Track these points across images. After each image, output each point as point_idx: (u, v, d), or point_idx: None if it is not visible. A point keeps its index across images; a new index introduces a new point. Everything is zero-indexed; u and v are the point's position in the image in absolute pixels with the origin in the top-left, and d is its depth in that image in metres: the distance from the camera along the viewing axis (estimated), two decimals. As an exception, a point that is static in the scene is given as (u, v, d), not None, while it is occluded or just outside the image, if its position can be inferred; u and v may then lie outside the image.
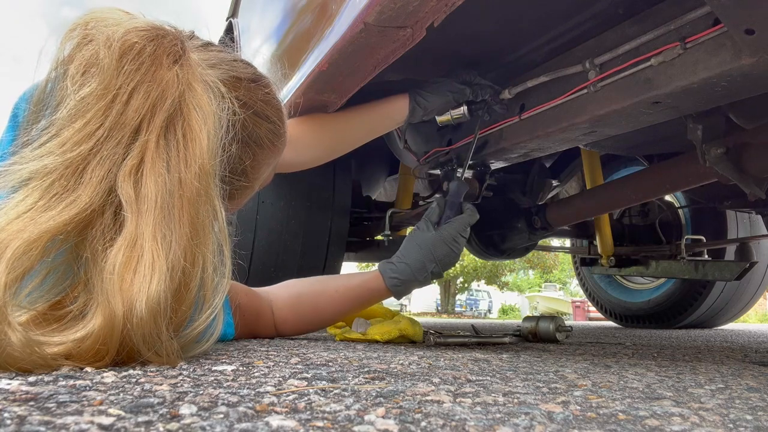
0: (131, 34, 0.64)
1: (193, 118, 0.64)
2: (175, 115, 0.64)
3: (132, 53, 0.63)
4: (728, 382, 0.67)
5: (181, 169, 0.62)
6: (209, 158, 0.64)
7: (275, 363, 0.67)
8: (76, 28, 0.65)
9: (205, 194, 0.64)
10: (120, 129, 0.61)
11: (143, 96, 0.62)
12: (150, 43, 0.65)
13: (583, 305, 12.76)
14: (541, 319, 1.31)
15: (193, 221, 0.61)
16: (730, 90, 0.79)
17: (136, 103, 0.62)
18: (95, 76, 0.61)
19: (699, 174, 1.28)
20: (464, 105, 1.20)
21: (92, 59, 0.62)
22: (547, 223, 1.85)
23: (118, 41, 0.63)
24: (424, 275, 1.03)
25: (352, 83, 1.02)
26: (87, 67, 0.62)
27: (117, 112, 0.61)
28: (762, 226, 2.34)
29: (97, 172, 0.59)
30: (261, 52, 1.62)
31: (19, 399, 0.41)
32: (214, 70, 0.73)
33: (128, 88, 0.61)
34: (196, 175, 0.62)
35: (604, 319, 3.10)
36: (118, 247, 0.57)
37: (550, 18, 1.00)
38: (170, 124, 0.63)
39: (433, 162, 1.41)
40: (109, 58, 0.61)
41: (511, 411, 0.44)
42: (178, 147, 0.63)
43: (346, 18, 0.87)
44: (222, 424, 0.35)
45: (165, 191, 0.60)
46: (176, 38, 0.68)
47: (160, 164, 0.61)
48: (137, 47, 0.64)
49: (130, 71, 0.62)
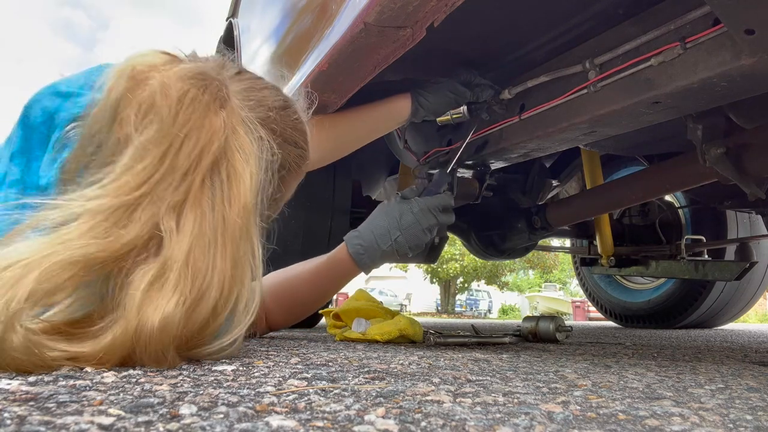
0: (184, 82, 0.68)
1: (237, 159, 0.68)
2: (221, 157, 0.67)
3: (186, 101, 0.67)
4: (728, 382, 0.67)
5: (224, 207, 0.65)
6: (251, 197, 0.68)
7: (275, 363, 0.67)
8: (125, 71, 0.68)
9: (246, 231, 0.67)
10: (172, 173, 0.64)
11: (194, 142, 0.66)
12: (200, 91, 0.68)
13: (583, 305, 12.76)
14: (541, 319, 1.31)
15: (233, 257, 0.65)
16: (730, 90, 0.79)
17: (188, 149, 0.65)
18: (153, 123, 0.65)
19: (699, 174, 1.28)
20: (464, 105, 1.20)
21: (150, 105, 0.66)
22: (547, 223, 1.85)
23: (173, 89, 0.67)
24: (388, 243, 1.00)
25: (352, 83, 1.02)
26: (146, 113, 0.66)
27: (172, 157, 0.64)
28: (762, 226, 2.34)
29: (147, 212, 0.62)
30: (261, 52, 1.62)
31: (19, 399, 0.41)
32: (252, 111, 0.76)
33: (182, 135, 0.65)
34: (239, 213, 0.66)
35: (604, 319, 3.10)
36: (148, 269, 0.60)
37: (550, 18, 1.00)
38: (215, 166, 0.67)
39: (433, 162, 1.41)
40: (167, 107, 0.65)
41: (511, 411, 0.44)
42: (222, 187, 0.66)
43: (346, 18, 0.87)
44: (222, 424, 0.35)
45: (206, 226, 0.64)
46: (220, 82, 0.72)
47: (204, 202, 0.65)
48: (190, 95, 0.67)
49: (185, 119, 0.66)
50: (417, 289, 24.79)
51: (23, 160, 0.83)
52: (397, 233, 1.00)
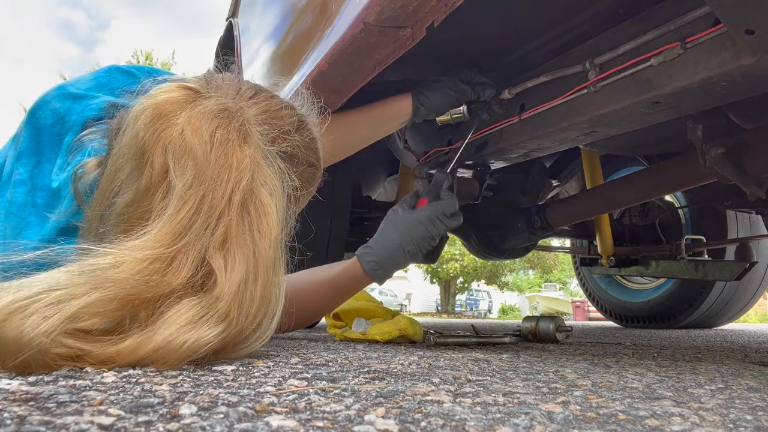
0: (211, 121, 0.70)
1: (263, 193, 0.70)
2: (249, 193, 0.69)
3: (216, 141, 0.69)
4: (728, 382, 0.67)
5: (256, 241, 0.67)
6: (278, 229, 0.70)
7: (275, 363, 0.67)
8: (150, 109, 0.70)
9: (275, 262, 0.69)
10: (210, 214, 0.66)
11: (226, 181, 0.68)
12: (226, 130, 0.70)
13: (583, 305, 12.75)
14: (541, 319, 1.31)
15: (264, 287, 0.67)
16: (730, 90, 0.79)
17: (221, 190, 0.67)
18: (189, 167, 0.67)
19: (699, 174, 1.28)
20: (464, 104, 1.20)
21: (183, 147, 0.68)
22: (547, 223, 1.85)
23: (203, 129, 0.68)
24: (402, 256, 1.01)
25: (352, 83, 1.02)
26: (180, 155, 0.67)
27: (209, 200, 0.66)
28: (762, 226, 2.34)
29: (191, 254, 0.64)
30: (261, 53, 1.62)
31: (19, 399, 0.41)
32: (270, 137, 0.77)
33: (216, 176, 0.67)
34: (270, 245, 0.68)
35: (604, 319, 3.10)
36: (195, 302, 0.62)
37: (550, 18, 1.00)
38: (245, 202, 0.68)
39: (433, 162, 1.41)
40: (200, 149, 0.67)
41: (511, 411, 0.44)
42: (251, 222, 0.68)
43: (346, 18, 0.87)
44: (222, 424, 0.35)
45: (248, 262, 0.66)
46: (242, 115, 0.73)
47: (243, 239, 0.67)
48: (219, 135, 0.69)
49: (216, 159, 0.68)
50: (417, 289, 24.78)
51: (32, 161, 0.83)
52: (410, 245, 1.01)
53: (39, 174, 0.82)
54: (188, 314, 0.60)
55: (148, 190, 0.67)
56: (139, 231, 0.65)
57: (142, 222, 0.66)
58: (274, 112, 0.81)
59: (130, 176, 0.69)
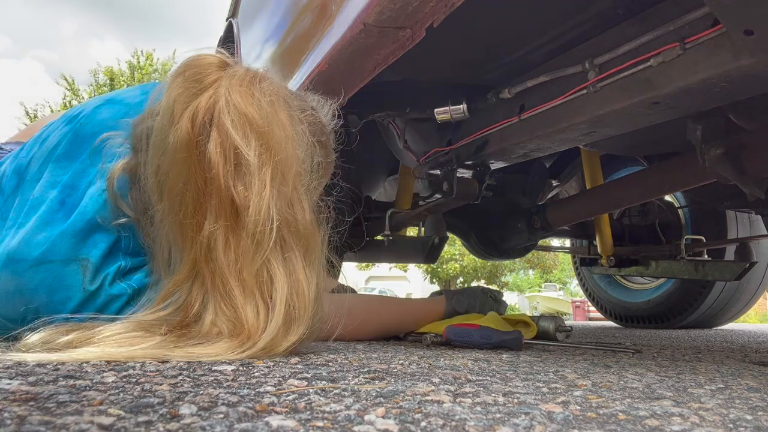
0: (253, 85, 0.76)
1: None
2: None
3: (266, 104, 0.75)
4: (728, 382, 0.67)
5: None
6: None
7: (275, 363, 0.67)
8: (181, 73, 0.75)
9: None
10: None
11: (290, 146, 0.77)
12: (269, 92, 0.76)
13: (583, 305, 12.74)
14: (541, 319, 1.31)
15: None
16: (730, 90, 0.79)
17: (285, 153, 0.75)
18: (252, 135, 0.72)
19: (699, 174, 1.28)
20: (464, 103, 1.20)
21: (238, 114, 0.73)
22: (547, 223, 1.85)
23: (253, 95, 0.74)
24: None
25: (351, 83, 1.02)
26: (239, 123, 0.73)
27: (280, 178, 0.74)
28: (762, 226, 2.34)
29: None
30: (261, 53, 1.62)
31: (19, 399, 0.41)
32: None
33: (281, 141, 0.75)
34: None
35: (604, 319, 3.10)
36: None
37: (550, 18, 1.00)
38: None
39: (433, 162, 1.41)
40: (258, 114, 0.73)
41: (511, 411, 0.44)
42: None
43: (346, 18, 0.87)
44: (222, 424, 0.35)
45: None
46: (270, 79, 0.80)
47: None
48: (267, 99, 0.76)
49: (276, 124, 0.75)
50: (417, 288, 24.78)
51: (70, 165, 0.83)
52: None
53: (74, 177, 0.82)
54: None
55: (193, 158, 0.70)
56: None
57: (203, 198, 0.70)
58: (294, 92, 0.87)
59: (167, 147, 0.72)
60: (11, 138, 1.41)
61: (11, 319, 0.75)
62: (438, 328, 1.12)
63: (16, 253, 0.76)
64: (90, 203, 0.78)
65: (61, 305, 0.75)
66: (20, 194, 0.84)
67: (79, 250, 0.76)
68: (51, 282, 0.75)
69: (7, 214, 0.83)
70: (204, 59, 0.75)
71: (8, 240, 0.78)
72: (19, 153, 0.91)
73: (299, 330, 0.72)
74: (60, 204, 0.79)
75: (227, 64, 0.77)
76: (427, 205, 1.68)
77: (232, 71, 0.75)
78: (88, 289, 0.75)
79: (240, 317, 0.69)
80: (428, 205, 1.68)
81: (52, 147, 0.85)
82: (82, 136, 0.84)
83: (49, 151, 0.85)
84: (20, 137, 1.33)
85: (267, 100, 0.74)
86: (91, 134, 0.83)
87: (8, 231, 0.80)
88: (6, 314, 0.78)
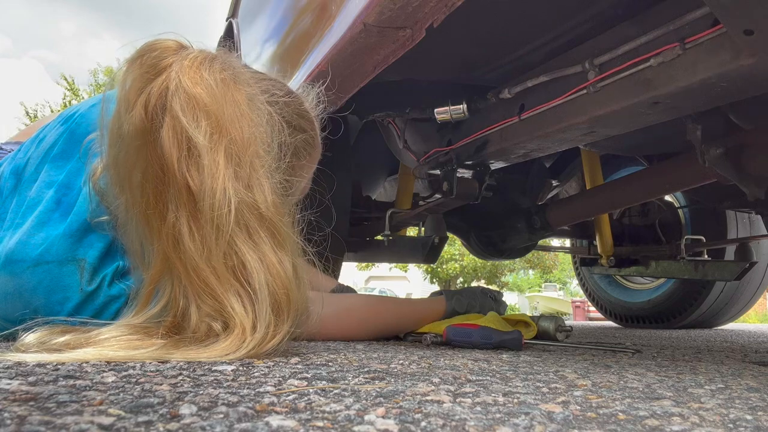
0: (204, 66, 0.73)
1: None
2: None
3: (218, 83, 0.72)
4: (728, 382, 0.67)
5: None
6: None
7: (275, 363, 0.67)
8: (139, 59, 0.72)
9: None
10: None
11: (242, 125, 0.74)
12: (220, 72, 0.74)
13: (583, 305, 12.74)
14: (541, 319, 1.31)
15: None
16: (730, 90, 0.79)
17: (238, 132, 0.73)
18: (201, 117, 0.70)
19: (699, 174, 1.28)
20: (464, 103, 1.20)
21: (187, 96, 0.70)
22: (546, 223, 1.85)
23: (203, 76, 0.72)
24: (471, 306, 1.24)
25: (351, 84, 1.02)
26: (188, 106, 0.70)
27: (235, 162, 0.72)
28: (762, 226, 2.34)
29: None
30: (261, 53, 1.62)
31: (19, 399, 0.41)
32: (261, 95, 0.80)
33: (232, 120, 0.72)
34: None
35: (604, 319, 3.10)
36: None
37: (550, 18, 1.00)
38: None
39: (433, 162, 1.41)
40: (208, 95, 0.71)
41: (511, 411, 0.44)
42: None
43: (346, 18, 0.87)
44: (222, 424, 0.36)
45: None
46: (228, 59, 0.76)
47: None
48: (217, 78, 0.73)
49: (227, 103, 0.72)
50: (417, 288, 24.78)
51: (65, 164, 0.83)
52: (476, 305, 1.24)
53: (69, 176, 0.82)
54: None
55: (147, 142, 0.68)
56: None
57: (162, 186, 0.68)
58: (261, 81, 0.83)
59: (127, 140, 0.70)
60: (11, 138, 1.41)
61: (10, 320, 0.75)
62: (438, 328, 1.12)
63: (14, 254, 0.76)
64: (84, 203, 0.78)
65: (59, 306, 0.75)
66: (18, 195, 0.84)
67: (76, 250, 0.76)
68: (49, 283, 0.75)
69: (5, 215, 0.83)
70: (160, 44, 0.72)
71: (6, 241, 0.78)
72: (17, 154, 0.91)
73: (291, 314, 0.70)
74: (56, 204, 0.79)
75: (183, 47, 0.74)
76: (427, 205, 1.68)
77: (185, 53, 0.72)
78: (86, 289, 0.75)
79: (225, 308, 0.67)
80: (428, 205, 1.68)
81: (49, 147, 0.85)
82: (77, 136, 0.84)
83: (46, 151, 0.85)
84: (20, 137, 1.33)
85: (218, 78, 0.71)
86: (86, 133, 0.83)
87: (6, 232, 0.80)
88: (5, 315, 0.78)
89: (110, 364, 0.59)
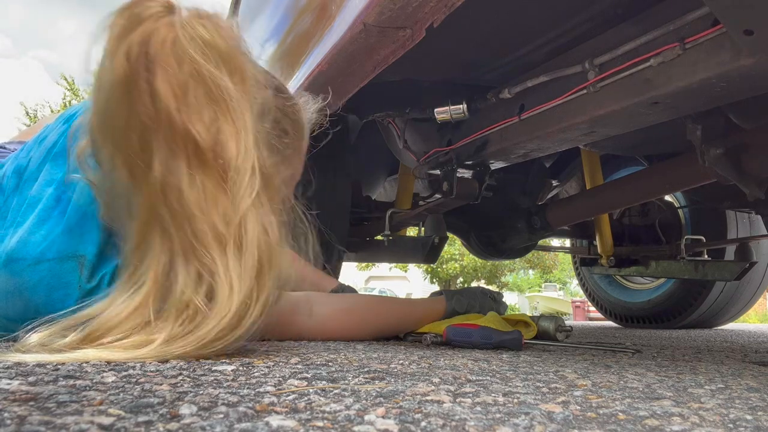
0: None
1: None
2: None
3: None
4: (728, 382, 0.67)
5: None
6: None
7: (275, 363, 0.67)
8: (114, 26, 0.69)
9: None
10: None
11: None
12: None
13: (583, 305, 12.74)
14: (541, 319, 1.31)
15: None
16: (730, 90, 0.79)
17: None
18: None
19: (699, 174, 1.28)
20: (464, 103, 1.20)
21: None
22: (546, 223, 1.85)
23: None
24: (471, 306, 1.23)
25: (351, 84, 1.03)
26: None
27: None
28: (762, 226, 2.34)
29: None
30: (261, 53, 1.62)
31: (19, 399, 0.41)
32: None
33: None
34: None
35: (604, 319, 3.10)
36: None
37: (550, 18, 1.00)
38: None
39: (433, 162, 1.41)
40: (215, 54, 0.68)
41: (511, 411, 0.44)
42: None
43: (346, 18, 0.87)
44: (222, 424, 0.36)
45: None
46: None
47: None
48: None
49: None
50: (417, 288, 24.78)
51: (66, 163, 0.83)
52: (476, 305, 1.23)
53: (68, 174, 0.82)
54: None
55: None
56: None
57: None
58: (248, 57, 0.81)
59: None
60: (14, 138, 1.42)
61: (12, 319, 0.76)
62: (438, 328, 1.12)
63: (15, 252, 0.76)
64: (82, 197, 0.78)
65: (60, 303, 0.75)
66: (19, 194, 0.84)
67: (75, 246, 0.76)
68: (50, 280, 0.75)
69: (7, 214, 0.83)
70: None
71: (8, 239, 0.78)
72: (19, 153, 0.91)
73: (272, 278, 0.69)
74: (56, 201, 0.79)
75: (174, 6, 0.70)
76: (427, 205, 1.68)
77: (184, 9, 0.70)
78: (85, 287, 0.75)
79: (216, 266, 0.65)
80: (428, 205, 1.68)
81: (50, 146, 0.85)
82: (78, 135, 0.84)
83: (47, 150, 0.85)
84: (22, 137, 1.33)
85: (230, 35, 0.69)
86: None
87: (7, 230, 0.80)
88: (6, 313, 0.78)
89: (110, 364, 0.59)
